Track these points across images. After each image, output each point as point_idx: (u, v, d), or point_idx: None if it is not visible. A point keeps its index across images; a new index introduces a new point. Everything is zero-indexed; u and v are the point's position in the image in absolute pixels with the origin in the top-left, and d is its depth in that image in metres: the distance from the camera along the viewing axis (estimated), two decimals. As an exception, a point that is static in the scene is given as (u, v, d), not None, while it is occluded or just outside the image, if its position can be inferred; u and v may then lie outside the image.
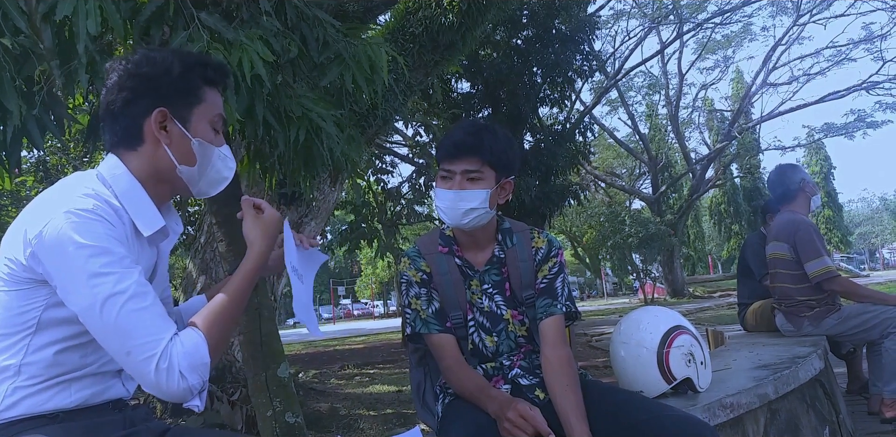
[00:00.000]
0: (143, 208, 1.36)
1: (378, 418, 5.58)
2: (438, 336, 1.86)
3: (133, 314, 1.19)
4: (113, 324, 1.18)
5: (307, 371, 9.51)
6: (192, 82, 1.40)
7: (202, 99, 1.41)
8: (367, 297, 49.75)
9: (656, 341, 2.13)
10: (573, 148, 11.74)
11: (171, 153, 1.38)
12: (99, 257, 1.19)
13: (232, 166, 1.50)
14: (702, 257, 43.99)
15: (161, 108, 1.35)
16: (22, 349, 1.26)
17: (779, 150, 27.80)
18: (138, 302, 1.20)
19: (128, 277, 1.21)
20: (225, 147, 1.48)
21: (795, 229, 3.64)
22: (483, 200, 1.84)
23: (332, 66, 2.79)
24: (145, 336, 1.19)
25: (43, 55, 2.17)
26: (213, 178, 1.47)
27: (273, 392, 3.21)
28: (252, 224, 1.47)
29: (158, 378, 1.18)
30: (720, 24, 23.36)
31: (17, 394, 1.25)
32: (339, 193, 6.68)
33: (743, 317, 4.38)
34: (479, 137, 1.84)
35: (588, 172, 25.05)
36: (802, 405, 2.80)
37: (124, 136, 1.38)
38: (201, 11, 2.38)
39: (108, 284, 1.18)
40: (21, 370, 1.25)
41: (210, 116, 1.43)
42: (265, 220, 1.48)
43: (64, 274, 1.20)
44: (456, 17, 5.76)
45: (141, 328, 1.19)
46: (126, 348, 1.19)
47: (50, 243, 1.20)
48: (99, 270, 1.19)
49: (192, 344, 1.22)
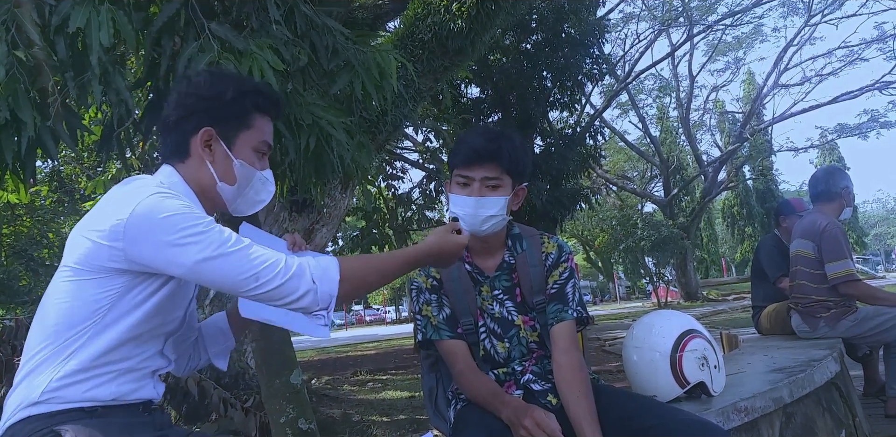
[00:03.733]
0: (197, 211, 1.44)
1: (391, 424, 5.58)
2: (450, 342, 1.87)
3: (246, 248, 1.29)
4: (235, 263, 1.27)
5: (320, 377, 9.52)
6: (243, 107, 1.48)
7: (250, 125, 1.50)
8: (378, 303, 49.78)
9: (669, 346, 2.12)
10: (584, 152, 11.71)
11: (214, 170, 1.47)
12: (195, 220, 1.29)
13: (271, 190, 1.58)
14: (715, 260, 43.67)
15: (208, 127, 1.45)
16: (81, 337, 1.31)
17: (791, 151, 27.48)
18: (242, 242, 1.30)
19: (222, 230, 1.31)
20: (268, 172, 1.56)
21: (823, 229, 3.60)
22: (502, 207, 1.85)
23: (341, 74, 2.80)
24: (270, 258, 1.29)
25: (57, 67, 2.20)
26: (252, 198, 1.55)
27: (286, 399, 3.22)
28: (438, 233, 1.58)
29: (290, 286, 1.28)
30: (731, 25, 23.28)
31: (65, 379, 1.29)
32: (350, 199, 6.70)
33: (757, 320, 4.35)
34: (499, 144, 1.84)
35: (599, 176, 24.96)
36: (818, 408, 2.78)
37: (174, 148, 1.48)
38: (212, 22, 2.41)
39: (213, 235, 1.28)
40: (73, 356, 1.30)
41: (256, 142, 1.51)
42: (451, 237, 1.57)
43: (164, 241, 1.26)
44: (465, 23, 5.77)
45: (261, 255, 1.29)
46: (253, 271, 1.27)
47: (143, 217, 1.27)
48: (202, 229, 1.28)
49: (325, 263, 1.33)
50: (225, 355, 1.71)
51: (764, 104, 26.68)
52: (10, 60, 2.09)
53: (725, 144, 28.48)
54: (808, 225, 3.72)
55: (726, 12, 22.23)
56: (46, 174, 8.29)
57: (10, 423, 1.29)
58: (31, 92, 2.16)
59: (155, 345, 1.40)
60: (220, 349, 1.69)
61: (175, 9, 2.36)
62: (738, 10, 22.04)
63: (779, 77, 25.23)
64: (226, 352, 1.71)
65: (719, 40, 25.33)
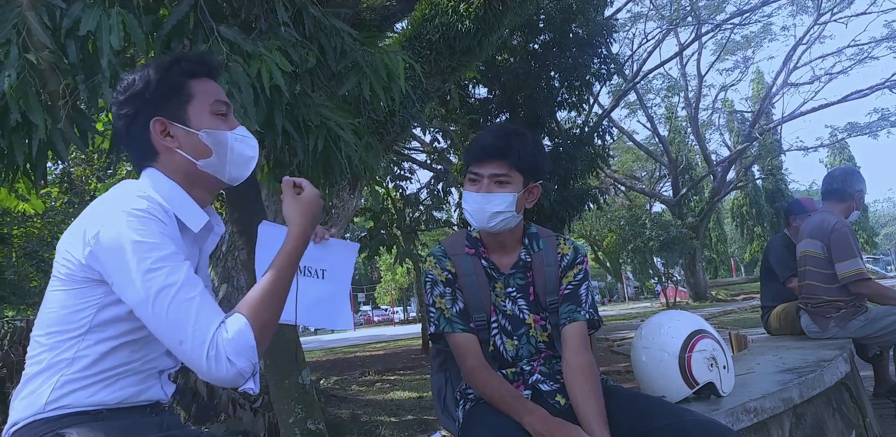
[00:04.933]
0: (188, 207, 1.42)
1: (399, 424, 5.59)
2: (462, 336, 1.86)
3: (183, 305, 1.24)
4: (165, 315, 1.23)
5: (328, 378, 9.54)
6: (173, 82, 1.42)
7: (191, 94, 1.43)
8: (386, 303, 49.79)
9: (678, 346, 2.12)
10: (592, 152, 11.67)
11: (186, 153, 1.42)
12: (152, 253, 1.25)
13: (254, 145, 1.52)
14: (724, 260, 43.49)
15: (156, 118, 1.40)
16: (76, 345, 1.31)
17: (801, 150, 27.27)
18: (188, 292, 1.25)
19: (178, 270, 1.26)
20: (240, 128, 1.50)
21: (832, 229, 3.58)
22: (510, 203, 1.85)
23: (349, 75, 2.81)
24: (195, 326, 1.23)
25: (67, 70, 2.22)
26: (238, 161, 1.48)
27: (295, 399, 3.23)
28: (290, 203, 1.49)
29: (209, 365, 1.22)
30: (739, 24, 23.18)
31: (66, 387, 1.30)
32: (358, 200, 6.71)
33: (766, 320, 4.33)
34: (508, 141, 1.85)
35: (607, 176, 24.89)
36: (828, 408, 2.77)
37: (142, 154, 1.44)
38: (221, 24, 2.43)
39: (160, 277, 1.24)
40: (73, 362, 1.31)
41: (208, 106, 1.45)
42: (303, 198, 1.49)
43: (120, 270, 1.26)
44: (472, 24, 5.78)
45: (191, 319, 1.23)
46: (179, 337, 1.23)
47: (107, 242, 1.26)
48: (151, 265, 1.24)
49: (236, 330, 1.25)
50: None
51: (773, 103, 26.59)
52: (21, 63, 2.12)
53: (734, 144, 28.38)
54: (816, 225, 3.70)
55: (735, 11, 22.16)
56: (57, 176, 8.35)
57: (14, 429, 1.31)
58: (42, 95, 2.18)
59: (159, 346, 1.39)
60: None
61: (184, 12, 2.38)
62: (746, 9, 21.96)
63: (788, 76, 25.16)
64: None
65: (728, 39, 25.24)
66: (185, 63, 1.44)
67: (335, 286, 1.66)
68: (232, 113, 1.51)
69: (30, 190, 2.83)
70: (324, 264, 1.66)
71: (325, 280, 1.65)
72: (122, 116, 1.43)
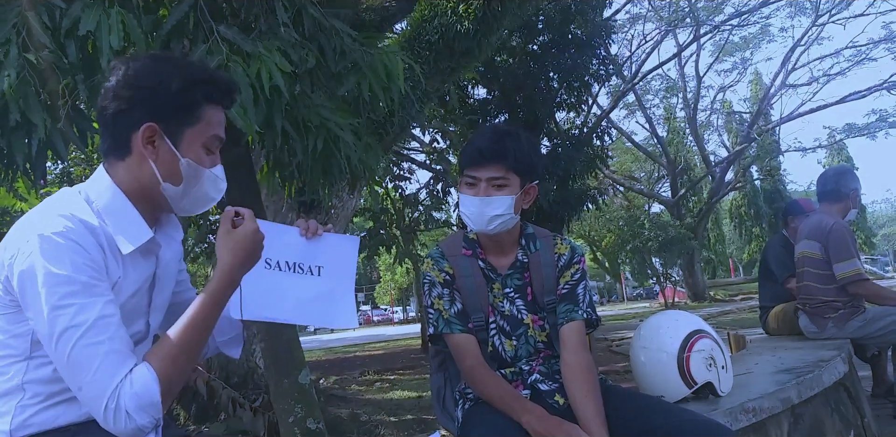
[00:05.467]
0: (127, 223, 1.31)
1: (399, 423, 5.60)
2: (460, 337, 1.87)
3: (86, 349, 1.16)
4: (66, 358, 1.16)
5: (328, 377, 9.54)
6: (191, 100, 1.32)
7: (199, 118, 1.34)
8: (386, 303, 49.79)
9: (677, 346, 2.12)
10: (591, 152, 11.70)
11: (157, 169, 1.31)
12: (60, 287, 1.17)
13: (222, 188, 1.42)
14: (722, 261, 43.51)
15: (151, 123, 1.29)
16: (21, 369, 1.25)
17: (799, 151, 27.26)
18: (94, 336, 1.17)
19: (88, 308, 1.17)
20: (218, 168, 1.40)
21: (829, 229, 3.58)
22: (508, 206, 1.85)
23: (349, 76, 2.82)
24: (96, 374, 1.16)
25: (67, 69, 2.22)
26: (199, 198, 1.39)
27: (295, 399, 3.23)
28: (221, 238, 1.34)
29: (107, 417, 1.16)
30: (737, 26, 23.19)
31: (26, 412, 1.24)
32: (358, 200, 6.71)
33: (765, 320, 4.33)
34: (504, 144, 1.85)
35: (606, 177, 24.89)
36: (827, 409, 2.77)
37: (113, 144, 1.33)
38: (220, 24, 2.43)
39: (66, 316, 1.16)
40: (24, 388, 1.25)
41: (206, 138, 1.35)
42: (237, 233, 1.34)
43: (31, 301, 1.19)
44: (472, 25, 5.79)
45: (93, 365, 1.16)
46: (78, 383, 1.17)
47: (19, 270, 1.19)
48: (58, 302, 1.16)
49: (142, 384, 1.17)
50: (236, 344, 1.62)
51: (771, 104, 26.59)
52: (20, 63, 2.12)
53: (733, 145, 28.39)
54: (814, 226, 3.71)
55: (733, 12, 22.15)
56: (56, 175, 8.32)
57: None
58: (41, 94, 2.18)
59: None
60: (229, 339, 1.61)
61: (184, 12, 2.38)
62: (744, 11, 21.97)
63: (786, 77, 25.18)
64: (236, 341, 1.62)
65: (726, 41, 25.27)
66: (213, 87, 1.35)
67: (335, 283, 1.62)
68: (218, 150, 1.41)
69: (29, 190, 2.83)
70: (320, 260, 1.60)
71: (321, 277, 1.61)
72: (115, 98, 1.30)
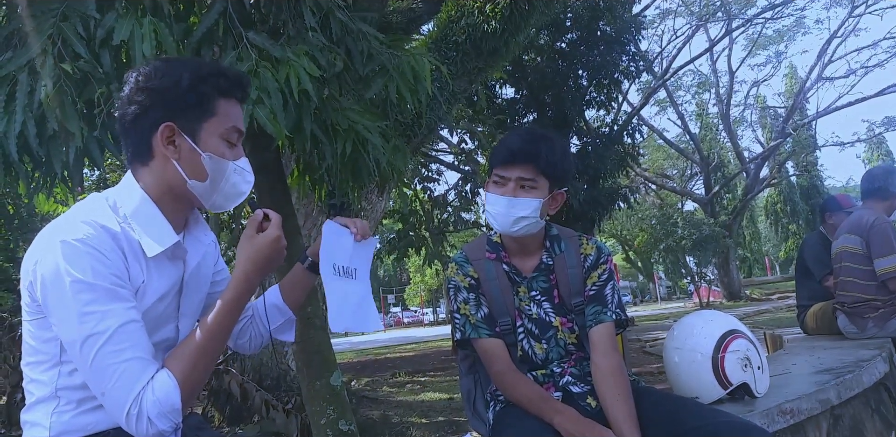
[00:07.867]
0: (153, 227, 1.33)
1: (430, 425, 5.61)
2: (488, 341, 1.86)
3: (109, 356, 1.19)
4: (90, 364, 1.19)
5: (359, 379, 9.60)
6: (203, 94, 1.34)
7: (214, 112, 1.35)
8: (416, 305, 49.97)
9: (711, 346, 2.10)
10: (621, 150, 11.58)
11: (181, 168, 1.34)
12: (83, 294, 1.19)
13: (250, 180, 1.44)
14: (758, 259, 42.79)
15: (168, 122, 1.31)
16: (54, 376, 1.27)
17: (837, 146, 26.76)
18: (116, 343, 1.19)
19: (110, 315, 1.20)
20: (242, 160, 1.42)
21: (871, 224, 3.51)
22: (535, 208, 1.84)
23: (376, 78, 2.83)
24: (118, 381, 1.19)
25: (102, 79, 2.26)
26: (229, 192, 1.41)
27: (327, 400, 3.26)
28: (242, 243, 1.36)
29: (129, 423, 1.19)
30: (771, 18, 22.82)
31: (63, 417, 1.27)
32: (387, 202, 6.75)
33: (803, 320, 4.25)
34: (537, 146, 1.84)
35: (638, 175, 24.67)
36: (867, 409, 2.71)
37: (136, 151, 1.36)
38: (249, 30, 2.46)
39: (89, 323, 1.19)
40: (59, 394, 1.27)
41: (223, 130, 1.37)
42: (257, 241, 1.36)
43: (53, 307, 1.21)
44: (499, 24, 5.77)
45: (116, 372, 1.19)
46: (101, 389, 1.20)
47: (43, 276, 1.21)
48: (83, 308, 1.19)
49: (164, 392, 1.21)
50: (289, 329, 1.67)
51: (807, 98, 26.13)
52: (56, 73, 2.17)
53: (767, 140, 27.93)
54: (855, 220, 3.63)
55: (766, 5, 21.83)
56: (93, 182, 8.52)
57: None
58: (77, 103, 2.23)
59: None
60: (282, 325, 1.66)
61: (214, 19, 2.41)
62: (778, 3, 21.59)
63: (822, 70, 24.67)
64: (289, 326, 1.67)
65: (759, 34, 24.87)
66: (223, 80, 1.37)
67: (366, 285, 1.63)
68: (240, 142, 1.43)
69: (68, 196, 2.90)
70: (356, 262, 1.59)
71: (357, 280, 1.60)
72: (131, 103, 1.33)
